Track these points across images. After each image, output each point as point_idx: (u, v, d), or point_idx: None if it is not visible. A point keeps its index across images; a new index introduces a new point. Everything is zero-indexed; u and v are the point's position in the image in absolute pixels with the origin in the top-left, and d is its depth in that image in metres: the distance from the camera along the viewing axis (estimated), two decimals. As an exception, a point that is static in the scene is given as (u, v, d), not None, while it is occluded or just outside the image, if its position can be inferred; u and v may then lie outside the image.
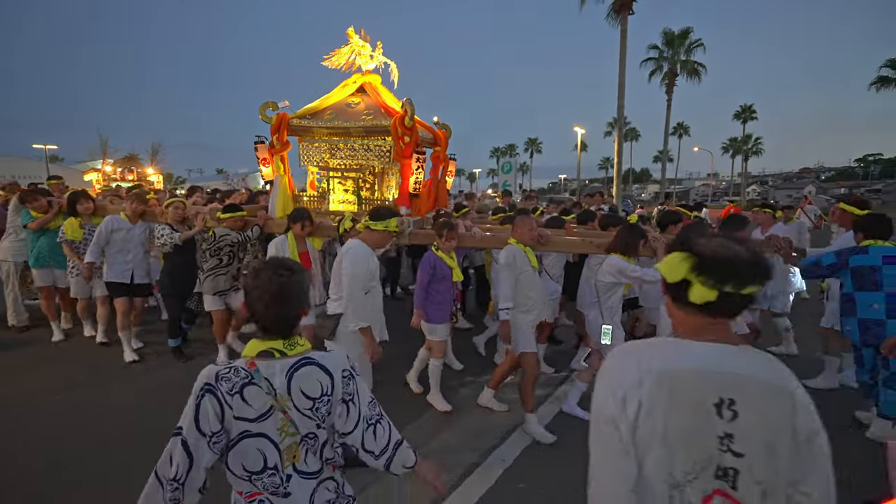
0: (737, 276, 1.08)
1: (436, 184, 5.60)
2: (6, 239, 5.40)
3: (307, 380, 1.35)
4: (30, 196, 5.19)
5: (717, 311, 1.12)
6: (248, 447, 1.30)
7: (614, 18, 19.57)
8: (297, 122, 4.72)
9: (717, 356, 1.10)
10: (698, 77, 28.69)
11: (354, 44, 4.87)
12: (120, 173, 18.90)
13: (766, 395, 1.07)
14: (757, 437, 1.05)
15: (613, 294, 3.65)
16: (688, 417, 1.06)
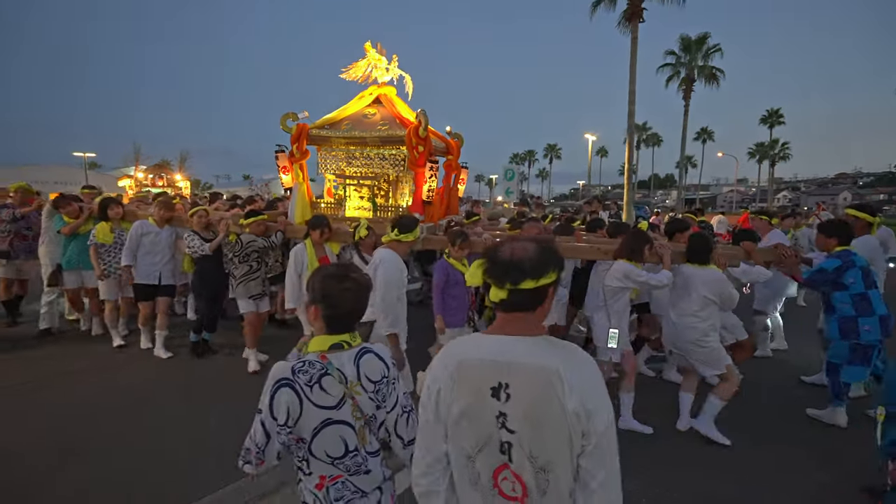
0: (508, 274, 1.23)
1: (448, 191, 5.75)
2: (42, 245, 5.76)
3: (370, 365, 1.54)
4: (63, 202, 5.50)
5: (510, 306, 1.27)
6: (330, 434, 1.45)
7: (625, 26, 19.54)
8: (315, 132, 4.93)
9: (499, 346, 1.25)
10: (716, 82, 28.35)
11: (371, 57, 5.07)
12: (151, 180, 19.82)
13: (535, 378, 1.20)
14: (525, 416, 1.20)
15: (620, 298, 3.74)
16: (471, 399, 1.24)
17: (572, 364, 1.22)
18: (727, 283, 3.60)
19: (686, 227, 4.78)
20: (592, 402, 1.20)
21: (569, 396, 1.18)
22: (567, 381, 1.19)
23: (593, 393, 1.21)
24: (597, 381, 1.23)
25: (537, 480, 1.22)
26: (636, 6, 18.95)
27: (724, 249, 4.26)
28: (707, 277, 3.58)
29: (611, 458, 1.21)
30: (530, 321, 1.28)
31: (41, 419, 3.72)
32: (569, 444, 1.20)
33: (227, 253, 4.74)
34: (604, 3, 19.97)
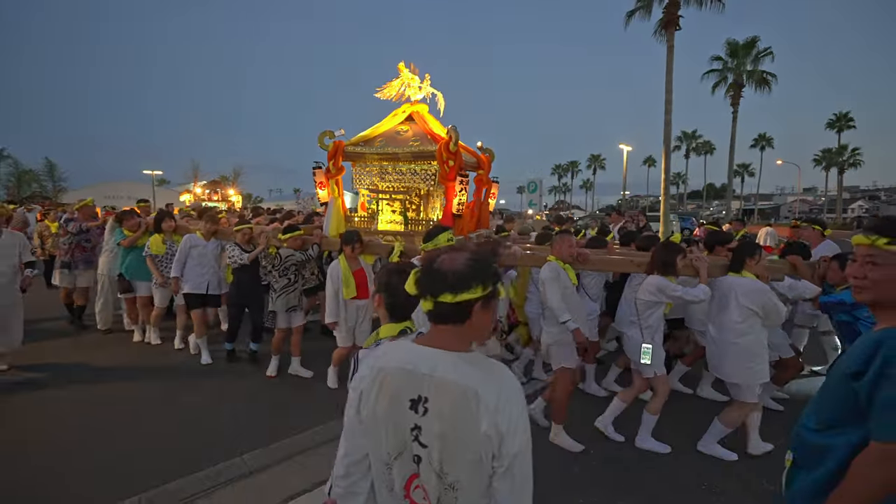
0: (431, 285, 1.24)
1: (479, 205, 5.79)
2: (103, 255, 6.29)
3: None
4: (125, 216, 6.04)
5: (436, 318, 1.27)
6: None
7: (661, 35, 18.96)
8: (351, 149, 5.14)
9: (422, 358, 1.26)
10: (768, 87, 26.79)
11: (404, 76, 5.25)
12: (207, 194, 21.31)
13: (452, 396, 1.20)
14: (438, 433, 1.20)
15: (653, 313, 3.59)
16: (387, 407, 1.25)
17: (491, 384, 1.21)
18: (770, 294, 3.35)
19: (728, 240, 4.57)
20: (507, 424, 1.18)
21: (483, 417, 1.17)
22: (483, 401, 1.18)
23: (509, 414, 1.19)
24: (515, 402, 1.22)
25: (446, 497, 1.23)
26: (672, 14, 18.39)
27: (768, 262, 4.03)
28: (747, 286, 3.36)
29: (522, 482, 1.21)
30: (458, 335, 1.27)
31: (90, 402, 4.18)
32: (479, 465, 1.20)
33: (267, 266, 4.97)
34: (639, 13, 19.44)
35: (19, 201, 15.45)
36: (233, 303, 5.41)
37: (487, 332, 1.34)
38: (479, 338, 1.33)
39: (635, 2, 19.36)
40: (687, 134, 58.56)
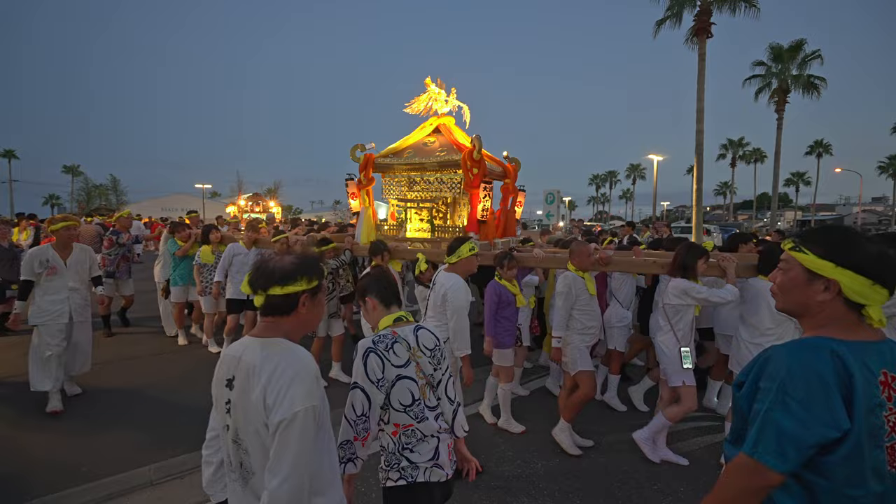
0: (262, 280, 1.45)
1: (505, 214, 5.90)
2: (158, 264, 6.75)
3: (425, 337, 2.01)
4: (178, 228, 6.49)
5: (265, 310, 1.47)
6: (402, 387, 1.89)
7: (693, 43, 18.42)
8: (380, 161, 5.39)
9: (240, 345, 1.47)
10: (817, 92, 25.29)
11: (431, 91, 5.47)
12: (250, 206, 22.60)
13: (243, 373, 1.39)
14: (234, 404, 1.40)
15: (683, 317, 3.54)
16: (217, 388, 1.48)
17: (273, 360, 1.37)
18: None
19: (750, 238, 4.52)
20: (273, 397, 1.32)
21: (255, 388, 1.34)
22: (258, 375, 1.35)
23: (278, 388, 1.33)
24: (289, 378, 1.34)
25: (245, 461, 1.42)
26: (703, 21, 17.91)
27: None
28: None
29: (287, 459, 1.29)
30: (280, 325, 1.47)
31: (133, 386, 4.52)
32: (258, 433, 1.36)
33: None
34: (669, 21, 18.96)
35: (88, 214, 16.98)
36: None
37: (316, 323, 1.56)
38: (308, 328, 1.53)
39: (664, 11, 19.01)
40: (733, 142, 55.95)
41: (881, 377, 1.12)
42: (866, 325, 1.20)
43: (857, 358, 1.12)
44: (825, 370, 1.10)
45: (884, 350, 1.17)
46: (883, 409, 1.11)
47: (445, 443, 1.99)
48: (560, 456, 3.67)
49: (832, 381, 1.09)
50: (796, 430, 1.09)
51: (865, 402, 1.09)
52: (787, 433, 1.10)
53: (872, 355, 1.14)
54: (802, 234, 1.29)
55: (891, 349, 1.18)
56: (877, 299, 1.17)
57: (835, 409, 1.07)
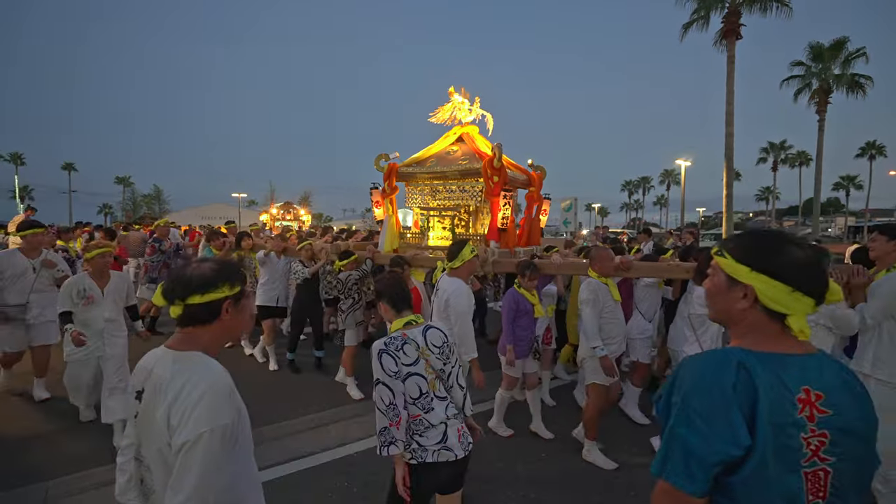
0: (178, 291, 1.37)
1: (530, 222, 5.87)
2: None
3: (434, 336, 2.22)
4: (213, 236, 6.82)
5: (185, 321, 1.39)
6: (411, 383, 2.12)
7: (722, 45, 17.93)
8: (404, 170, 5.48)
9: (153, 357, 1.41)
10: (863, 91, 23.92)
11: (454, 101, 5.54)
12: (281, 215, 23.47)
13: (152, 387, 1.33)
14: (143, 421, 1.34)
15: (710, 327, 3.44)
16: (132, 398, 1.41)
17: (182, 377, 1.29)
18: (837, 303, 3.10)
19: None
20: (178, 417, 1.25)
21: (160, 405, 1.28)
22: (164, 391, 1.28)
23: (184, 407, 1.25)
24: (197, 397, 1.25)
25: (146, 479, 1.37)
26: (732, 23, 17.44)
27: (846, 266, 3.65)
28: None
29: (190, 480, 1.21)
30: (199, 336, 1.39)
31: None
32: (160, 451, 1.29)
33: (332, 281, 5.25)
34: (696, 24, 18.55)
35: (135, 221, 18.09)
36: (294, 319, 5.80)
37: (241, 330, 1.49)
38: (232, 336, 1.48)
39: (690, 14, 18.62)
40: (774, 145, 53.54)
41: (801, 394, 1.00)
42: (792, 337, 1.08)
43: (770, 371, 1.02)
44: (727, 383, 1.00)
45: (808, 365, 1.04)
46: (800, 429, 0.99)
47: (455, 427, 2.18)
48: (542, 461, 3.66)
49: (732, 394, 0.99)
50: (699, 448, 0.99)
51: (773, 420, 0.98)
52: (692, 451, 1.00)
53: (793, 370, 1.03)
54: (728, 238, 1.22)
55: (818, 364, 1.05)
56: (798, 308, 1.06)
57: (734, 424, 0.98)
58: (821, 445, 0.99)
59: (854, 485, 1.03)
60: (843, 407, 1.02)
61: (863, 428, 1.03)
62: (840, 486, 1.01)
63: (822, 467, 1.00)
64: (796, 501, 0.99)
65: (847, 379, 1.06)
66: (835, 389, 1.02)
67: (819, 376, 1.03)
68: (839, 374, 1.06)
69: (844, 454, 1.00)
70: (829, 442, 0.99)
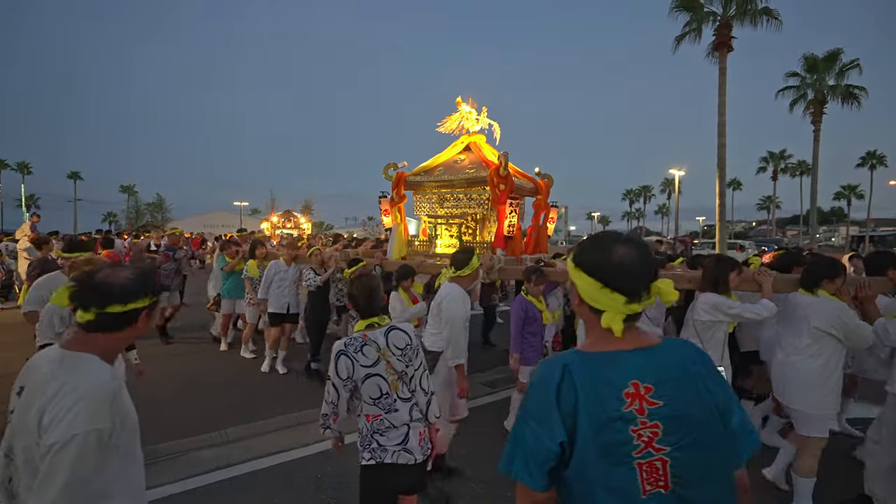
0: (94, 299, 1.34)
1: (537, 230, 5.91)
2: (212, 279, 7.12)
3: (396, 337, 2.21)
4: (226, 245, 6.88)
5: (93, 327, 1.35)
6: (371, 383, 2.12)
7: (714, 57, 18.20)
8: (412, 179, 5.54)
9: (41, 356, 1.38)
10: (857, 102, 24.15)
11: (462, 111, 5.61)
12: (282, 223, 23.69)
13: (31, 386, 1.30)
14: (18, 418, 1.30)
15: (714, 334, 3.35)
16: (10, 395, 1.37)
17: (62, 377, 1.28)
18: (847, 312, 3.01)
19: (802, 261, 4.19)
20: (51, 416, 1.22)
21: (35, 404, 1.26)
22: (42, 390, 1.27)
23: (59, 408, 1.22)
24: (74, 398, 1.23)
25: (14, 479, 1.32)
26: (724, 35, 17.72)
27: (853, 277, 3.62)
28: (818, 305, 3.06)
29: (56, 484, 1.18)
30: (99, 340, 1.37)
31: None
32: (30, 450, 1.25)
33: (343, 298, 5.27)
34: (689, 37, 18.77)
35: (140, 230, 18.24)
36: (310, 326, 5.84)
37: (144, 332, 1.51)
38: (136, 338, 1.51)
39: (682, 26, 18.84)
40: (774, 154, 53.77)
41: (629, 388, 1.03)
42: (631, 332, 1.11)
43: (593, 371, 1.06)
44: (552, 385, 1.06)
45: (639, 359, 1.07)
46: (629, 423, 1.01)
47: (417, 430, 2.20)
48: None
49: (555, 396, 1.05)
50: (533, 446, 1.05)
51: (593, 417, 1.02)
52: (527, 449, 1.06)
53: (621, 366, 1.06)
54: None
55: (653, 356, 1.08)
56: (611, 305, 1.08)
57: (553, 422, 1.04)
58: (654, 436, 1.01)
59: (701, 472, 1.03)
60: (676, 396, 1.03)
61: (699, 414, 1.04)
62: (683, 475, 1.02)
63: (659, 457, 1.01)
64: (627, 493, 1.01)
65: (688, 367, 1.08)
66: (668, 380, 1.05)
67: (650, 369, 1.06)
68: (679, 362, 1.08)
69: (682, 443, 1.02)
70: (662, 432, 1.01)
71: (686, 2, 18.32)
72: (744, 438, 1.10)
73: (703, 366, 1.10)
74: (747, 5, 17.51)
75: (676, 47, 19.30)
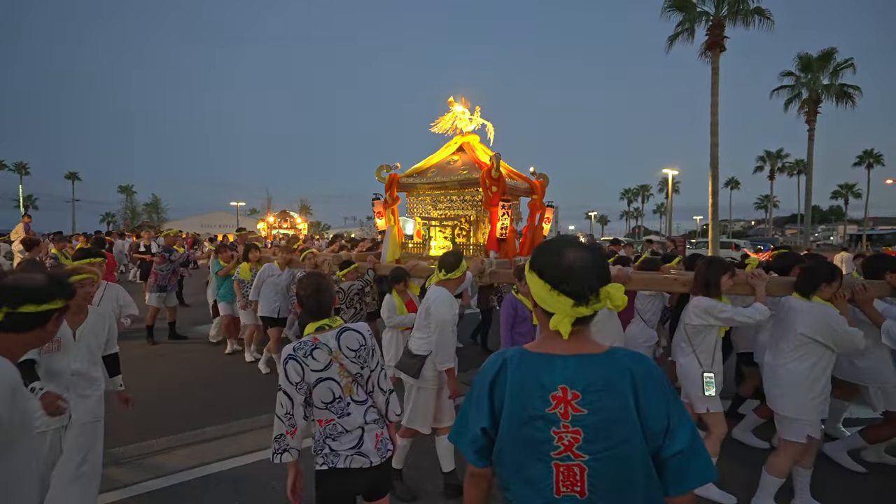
0: (7, 299, 1.37)
1: (532, 230, 5.86)
2: (208, 283, 7.10)
3: (349, 339, 2.12)
4: (221, 249, 6.86)
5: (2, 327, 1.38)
6: (324, 387, 2.03)
7: (707, 57, 18.34)
8: (405, 180, 5.49)
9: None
10: (851, 101, 24.20)
11: (454, 111, 5.56)
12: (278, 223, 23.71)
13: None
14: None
15: (706, 338, 3.27)
16: None
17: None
18: (835, 318, 2.96)
19: (801, 261, 4.12)
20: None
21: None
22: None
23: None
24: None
25: None
26: (716, 35, 17.84)
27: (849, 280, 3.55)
28: (807, 311, 3.01)
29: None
30: (5, 342, 1.40)
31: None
32: None
33: (339, 305, 5.17)
34: (682, 37, 18.88)
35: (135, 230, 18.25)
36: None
37: (52, 337, 1.55)
38: (42, 343, 1.52)
39: (675, 26, 18.92)
40: (770, 153, 53.74)
41: (557, 392, 1.07)
42: (578, 337, 1.13)
43: (527, 369, 1.12)
44: (489, 375, 1.17)
45: (573, 365, 1.10)
46: (551, 424, 1.06)
47: (373, 433, 2.13)
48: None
49: (489, 385, 1.15)
50: (470, 426, 1.19)
51: (516, 411, 1.09)
52: (465, 426, 1.21)
53: (556, 369, 1.10)
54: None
55: (582, 365, 1.10)
56: (558, 307, 1.09)
57: (482, 408, 1.15)
58: (574, 442, 1.04)
59: (619, 487, 1.04)
60: (601, 407, 1.05)
61: (623, 431, 1.04)
62: (599, 485, 1.04)
63: (577, 463, 1.05)
64: (541, 489, 1.07)
65: (624, 382, 1.07)
66: (597, 390, 1.06)
67: (581, 376, 1.08)
68: (614, 376, 1.08)
69: (602, 454, 1.04)
70: (583, 439, 1.04)
71: (679, 2, 18.43)
72: (677, 471, 1.06)
73: (643, 385, 1.08)
74: (739, 5, 17.61)
75: (670, 47, 19.38)
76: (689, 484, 1.07)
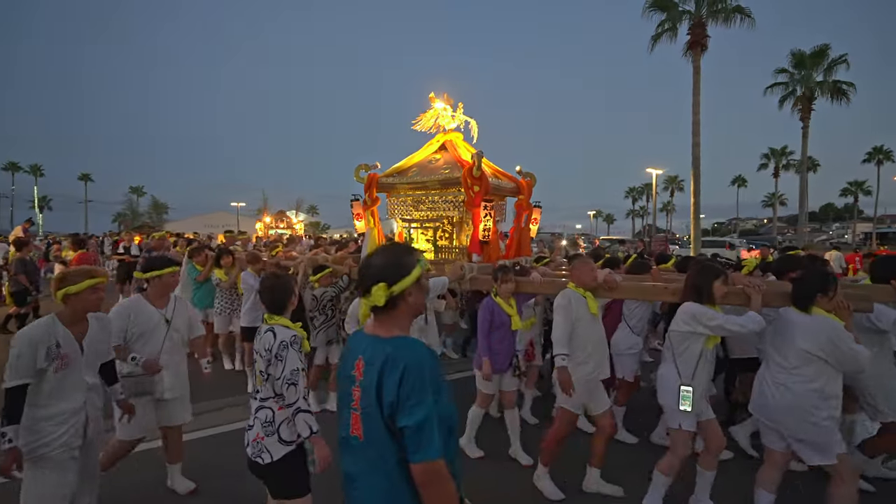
0: None
1: (519, 231, 5.61)
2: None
3: (265, 339, 2.36)
4: (195, 252, 6.49)
5: None
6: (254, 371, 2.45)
7: (689, 56, 18.34)
8: (384, 181, 5.25)
9: None
10: (846, 98, 23.93)
11: (436, 108, 5.31)
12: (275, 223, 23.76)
13: None
14: None
15: (690, 347, 2.99)
16: None
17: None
18: (840, 334, 2.68)
19: (798, 266, 3.86)
20: None
21: None
22: None
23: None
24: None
25: None
26: (698, 35, 17.83)
27: (851, 288, 3.29)
28: (809, 325, 2.75)
29: None
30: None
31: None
32: None
33: (312, 311, 4.90)
34: (665, 36, 18.86)
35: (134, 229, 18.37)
36: None
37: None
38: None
39: (656, 27, 18.93)
40: (775, 151, 52.88)
41: (358, 360, 1.47)
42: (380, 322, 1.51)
43: (353, 341, 1.57)
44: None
45: (367, 343, 1.48)
46: (352, 383, 1.46)
47: (254, 431, 2.34)
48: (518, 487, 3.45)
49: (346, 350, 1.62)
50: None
51: (341, 370, 1.55)
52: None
53: (363, 345, 1.49)
54: None
55: (373, 344, 1.46)
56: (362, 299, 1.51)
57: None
58: (358, 398, 1.44)
59: (376, 438, 1.40)
60: (367, 376, 1.42)
61: (371, 396, 1.40)
62: (367, 434, 1.42)
63: (359, 413, 1.43)
64: (345, 427, 1.48)
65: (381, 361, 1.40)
66: (370, 364, 1.43)
67: (369, 352, 1.46)
68: (381, 355, 1.41)
69: (364, 410, 1.42)
70: (360, 397, 1.43)
71: (660, 1, 18.46)
72: (408, 442, 1.35)
73: (388, 366, 1.38)
74: (718, 4, 17.63)
75: (652, 47, 19.35)
76: (414, 457, 1.34)
